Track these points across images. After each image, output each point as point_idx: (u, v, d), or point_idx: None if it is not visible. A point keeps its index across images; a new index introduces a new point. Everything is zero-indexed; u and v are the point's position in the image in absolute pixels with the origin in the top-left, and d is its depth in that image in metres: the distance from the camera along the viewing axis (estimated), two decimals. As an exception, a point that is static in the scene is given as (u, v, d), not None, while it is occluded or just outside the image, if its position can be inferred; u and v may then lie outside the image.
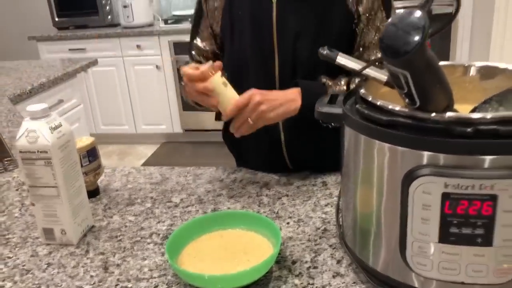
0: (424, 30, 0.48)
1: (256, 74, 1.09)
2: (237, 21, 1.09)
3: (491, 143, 0.54)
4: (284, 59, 1.05)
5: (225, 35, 1.12)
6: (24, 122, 0.84)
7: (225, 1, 1.10)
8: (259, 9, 1.05)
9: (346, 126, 0.67)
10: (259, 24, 1.05)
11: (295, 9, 1.02)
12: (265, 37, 1.05)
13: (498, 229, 0.56)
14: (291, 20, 1.02)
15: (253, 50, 1.07)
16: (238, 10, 1.08)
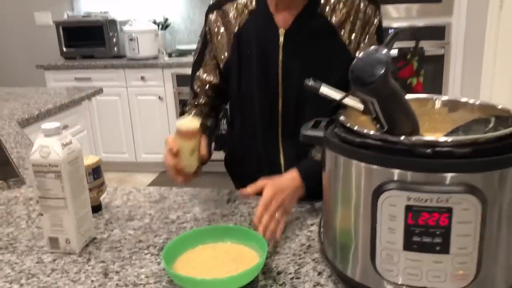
0: (386, 64, 0.58)
1: (261, 109, 1.16)
2: (245, 58, 1.15)
3: (447, 163, 0.63)
4: (288, 98, 1.12)
5: (232, 69, 1.18)
6: (38, 139, 0.93)
7: (233, 38, 1.16)
8: (267, 50, 1.12)
9: (326, 148, 0.76)
10: (266, 65, 1.12)
11: (301, 53, 1.09)
12: (271, 76, 1.12)
13: (453, 238, 0.64)
14: (296, 63, 1.09)
15: (259, 88, 1.14)
16: (246, 48, 1.15)
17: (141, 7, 4.27)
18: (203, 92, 1.24)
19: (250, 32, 1.14)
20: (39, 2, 4.47)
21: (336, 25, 1.08)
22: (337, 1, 1.07)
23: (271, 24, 1.10)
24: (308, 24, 1.08)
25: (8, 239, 1.03)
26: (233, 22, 1.15)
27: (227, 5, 1.16)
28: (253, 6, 1.13)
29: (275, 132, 1.18)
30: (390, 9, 3.31)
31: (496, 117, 0.77)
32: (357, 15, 1.07)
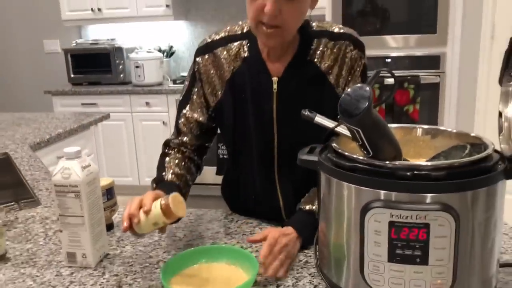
0: (369, 100, 0.68)
1: (257, 149, 1.21)
2: (239, 102, 1.18)
3: (425, 184, 0.72)
4: (283, 140, 1.18)
5: (226, 111, 1.20)
6: (60, 161, 1.02)
7: (226, 82, 1.18)
8: (261, 97, 1.16)
9: (320, 170, 0.85)
10: (261, 110, 1.16)
11: (294, 98, 1.14)
12: (266, 121, 1.17)
13: (431, 251, 0.72)
14: (290, 108, 1.14)
15: (255, 130, 1.19)
16: (240, 93, 1.18)
17: (147, 35, 4.43)
18: (188, 130, 1.25)
19: (243, 78, 1.17)
20: (48, 31, 4.64)
21: (325, 70, 1.14)
22: (325, 48, 1.14)
23: (264, 72, 1.15)
24: (300, 71, 1.14)
25: (28, 254, 1.12)
26: (226, 66, 1.18)
27: (218, 49, 1.18)
28: (246, 54, 1.17)
29: (271, 170, 1.22)
30: (389, 39, 3.44)
31: (471, 144, 0.86)
32: (343, 61, 1.14)
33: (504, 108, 0.87)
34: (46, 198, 1.49)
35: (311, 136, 0.99)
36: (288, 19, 1.03)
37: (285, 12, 1.01)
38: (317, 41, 1.15)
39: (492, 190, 0.75)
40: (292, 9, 1.02)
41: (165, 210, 0.94)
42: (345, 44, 1.14)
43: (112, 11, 4.06)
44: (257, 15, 1.03)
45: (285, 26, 1.04)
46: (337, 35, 1.15)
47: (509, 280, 0.93)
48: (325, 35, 1.15)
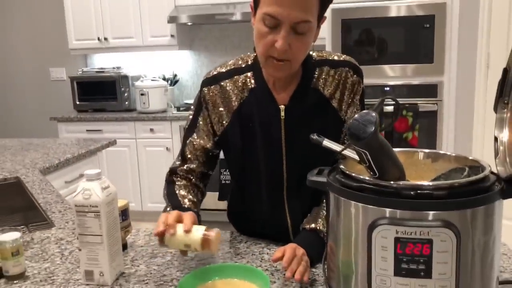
0: (375, 124, 0.74)
1: (266, 176, 1.26)
2: (247, 130, 1.23)
3: (428, 203, 0.78)
4: (292, 165, 1.23)
5: (233, 139, 1.25)
6: (81, 183, 1.08)
7: (234, 112, 1.23)
8: (269, 126, 1.21)
9: (329, 191, 0.91)
10: (269, 138, 1.22)
11: (301, 125, 1.20)
12: (275, 148, 1.22)
13: (434, 265, 0.77)
14: (297, 134, 1.21)
15: (264, 158, 1.24)
16: (248, 122, 1.23)
17: (151, 63, 4.54)
18: (194, 157, 1.29)
19: (251, 108, 1.22)
20: (54, 59, 4.76)
21: (328, 96, 1.22)
22: (328, 75, 1.21)
23: (272, 101, 1.21)
24: (305, 99, 1.21)
25: (46, 273, 1.16)
26: (233, 97, 1.23)
27: (224, 81, 1.24)
28: (253, 84, 1.22)
29: (280, 193, 1.28)
30: (387, 69, 3.55)
31: (469, 167, 0.93)
32: (345, 86, 1.22)
33: (499, 133, 0.94)
34: (59, 220, 1.54)
35: (319, 159, 1.05)
36: (297, 52, 1.09)
37: (294, 46, 1.07)
38: (319, 70, 1.22)
39: (490, 208, 0.80)
40: (301, 44, 1.08)
41: (205, 241, 0.99)
42: (345, 71, 1.22)
43: (118, 40, 4.18)
44: (267, 50, 1.09)
45: (294, 59, 1.11)
46: (338, 63, 1.23)
47: (509, 297, 0.97)
48: (326, 64, 1.23)
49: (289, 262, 1.01)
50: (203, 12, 3.90)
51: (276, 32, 1.06)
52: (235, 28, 4.33)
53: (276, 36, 1.06)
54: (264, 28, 1.07)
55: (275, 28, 1.06)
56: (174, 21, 3.94)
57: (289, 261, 1.02)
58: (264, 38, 1.08)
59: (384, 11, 3.47)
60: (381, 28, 3.51)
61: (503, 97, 0.95)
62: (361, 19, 3.51)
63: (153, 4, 4.05)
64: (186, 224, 1.02)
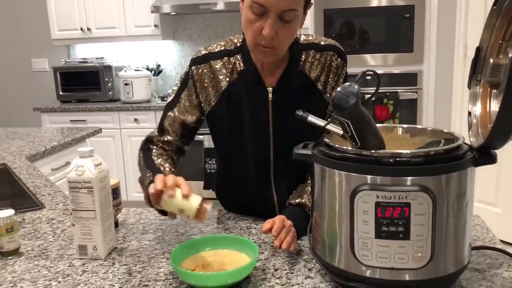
0: (357, 95, 0.79)
1: (254, 156, 1.31)
2: (235, 112, 1.27)
3: (405, 169, 0.83)
4: (278, 145, 1.28)
5: (221, 119, 1.29)
6: (74, 160, 1.11)
7: (222, 93, 1.27)
8: (257, 107, 1.25)
9: (314, 163, 0.96)
10: (257, 119, 1.26)
11: (288, 107, 1.23)
12: (263, 129, 1.27)
13: (412, 227, 0.83)
14: (284, 115, 1.25)
15: (251, 138, 1.29)
16: (236, 103, 1.27)
17: (135, 54, 4.53)
18: (172, 130, 1.32)
19: (240, 89, 1.26)
20: (37, 50, 4.71)
21: (314, 78, 1.27)
22: (313, 59, 1.26)
23: (260, 83, 1.25)
24: (292, 81, 1.26)
25: (39, 249, 1.19)
26: (222, 78, 1.27)
27: (213, 61, 1.27)
28: (241, 67, 1.26)
29: (267, 173, 1.33)
30: (368, 58, 3.62)
31: (445, 139, 0.99)
32: (329, 69, 1.27)
33: (473, 108, 1.01)
34: (49, 202, 1.56)
35: (305, 137, 1.10)
36: (283, 40, 1.14)
37: (280, 34, 1.11)
38: (306, 53, 1.27)
39: (463, 174, 0.87)
40: (287, 31, 1.12)
41: (200, 210, 1.02)
42: (330, 54, 1.27)
43: (101, 31, 4.17)
44: (255, 37, 1.13)
45: (280, 46, 1.15)
46: (323, 47, 1.28)
47: (481, 261, 1.04)
48: (312, 47, 1.27)
49: (278, 232, 1.06)
50: (186, 2, 3.91)
51: (264, 20, 1.09)
52: (219, 18, 4.36)
53: (263, 24, 1.09)
54: (251, 15, 1.10)
55: (263, 15, 1.09)
56: (158, 11, 3.95)
57: (279, 231, 1.07)
58: (252, 25, 1.12)
59: (366, 1, 3.53)
60: (362, 18, 3.57)
61: (476, 74, 1.01)
62: (343, 9, 3.57)
63: (136, -6, 4.05)
64: (184, 189, 1.04)
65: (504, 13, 0.94)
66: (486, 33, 0.99)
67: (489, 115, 0.97)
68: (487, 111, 0.98)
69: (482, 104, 0.99)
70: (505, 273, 0.99)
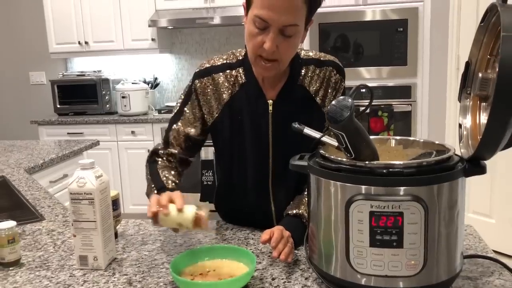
0: (351, 109, 0.83)
1: (253, 167, 1.34)
2: (236, 123, 1.30)
3: (398, 179, 0.86)
4: (277, 156, 1.31)
5: (222, 131, 1.33)
6: (76, 171, 1.14)
7: (224, 105, 1.30)
8: (258, 119, 1.29)
9: (310, 173, 0.99)
10: (258, 130, 1.29)
11: (287, 119, 1.23)
12: (263, 140, 1.30)
13: (405, 236, 0.86)
14: (284, 128, 1.26)
15: (252, 150, 1.32)
16: (237, 115, 1.30)
17: (132, 67, 4.57)
18: (177, 143, 1.36)
19: (241, 102, 1.30)
20: (34, 63, 4.75)
21: (313, 92, 1.31)
22: (313, 73, 1.30)
23: (261, 96, 1.28)
24: (292, 94, 1.30)
25: (40, 260, 1.21)
26: (224, 90, 1.30)
27: (216, 74, 1.31)
28: (243, 80, 1.30)
29: (266, 183, 1.36)
30: (363, 71, 3.67)
31: (436, 151, 1.02)
32: (328, 84, 1.31)
33: (463, 120, 1.04)
34: (49, 214, 1.58)
35: (303, 149, 1.13)
36: (284, 53, 1.17)
37: (281, 48, 1.14)
38: (306, 68, 1.31)
39: (454, 184, 0.90)
40: (288, 45, 1.15)
41: (197, 220, 1.05)
42: (329, 70, 1.31)
43: (99, 44, 4.21)
44: (256, 50, 1.16)
45: (282, 59, 1.18)
46: (323, 62, 1.32)
47: (473, 269, 1.07)
48: (312, 63, 1.32)
49: (277, 243, 1.08)
50: (183, 16, 3.96)
51: (265, 34, 1.13)
52: (215, 32, 4.41)
53: (265, 37, 1.12)
54: (254, 29, 1.14)
55: (265, 29, 1.12)
56: (155, 25, 4.00)
57: (277, 242, 1.09)
58: (254, 38, 1.15)
59: (360, 16, 3.59)
60: (357, 32, 3.63)
61: (465, 87, 1.05)
62: (338, 23, 3.63)
63: (134, 8, 4.10)
64: (178, 203, 1.08)
65: (491, 30, 0.98)
66: (474, 48, 1.03)
67: (479, 127, 1.01)
68: (477, 123, 1.02)
69: (472, 116, 1.03)
70: (496, 281, 1.01)
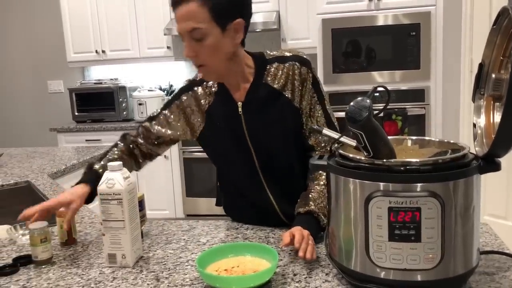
0: (369, 109, 0.87)
1: (241, 166, 1.41)
2: (217, 129, 1.39)
3: (415, 176, 0.90)
4: (260, 151, 1.37)
5: (209, 139, 1.42)
6: (105, 173, 1.19)
7: (205, 114, 1.39)
8: (232, 121, 1.36)
9: (330, 172, 1.03)
10: (234, 131, 1.36)
11: (258, 116, 1.34)
12: (241, 140, 1.37)
13: (423, 230, 0.90)
14: (257, 124, 1.35)
15: (234, 150, 1.39)
16: (216, 121, 1.39)
17: (148, 75, 4.66)
18: (145, 136, 1.47)
19: (217, 109, 1.39)
20: (52, 72, 4.86)
21: (279, 88, 1.35)
22: (277, 70, 1.35)
23: (231, 100, 1.36)
24: (258, 93, 1.35)
25: (71, 259, 1.26)
26: (203, 101, 1.40)
27: (197, 87, 1.41)
28: (216, 88, 1.39)
29: (259, 181, 1.41)
30: (376, 75, 3.70)
31: (452, 150, 1.06)
32: (294, 78, 1.35)
33: (477, 119, 1.08)
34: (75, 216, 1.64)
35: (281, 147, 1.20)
36: (207, 57, 1.24)
37: (199, 52, 1.23)
38: (269, 66, 1.37)
39: (469, 181, 0.93)
40: (203, 48, 1.22)
41: None
42: (293, 64, 1.36)
43: (116, 53, 4.31)
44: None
45: (208, 63, 1.26)
46: (286, 58, 1.37)
47: (490, 264, 1.10)
48: (276, 60, 1.37)
49: (300, 243, 1.12)
50: (198, 24, 4.03)
51: None
52: (229, 39, 4.47)
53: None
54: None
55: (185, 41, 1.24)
56: (170, 33, 4.08)
57: (300, 242, 1.13)
58: None
59: (372, 20, 3.63)
60: (369, 36, 3.67)
61: (479, 88, 1.09)
62: (350, 28, 3.67)
63: (150, 17, 4.18)
64: None
65: (503, 32, 1.01)
66: (487, 50, 1.07)
67: (493, 126, 1.04)
68: (491, 123, 1.05)
69: (486, 116, 1.06)
70: (513, 276, 1.04)
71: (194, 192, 4.05)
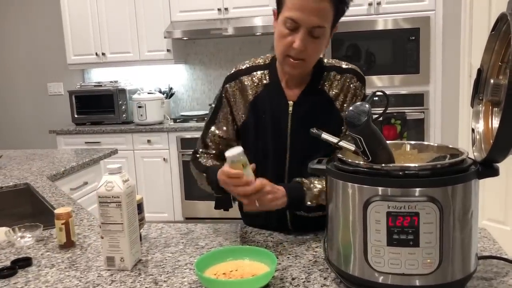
0: (368, 114, 0.87)
1: (272, 162, 1.41)
2: (261, 121, 1.39)
3: (414, 181, 0.90)
4: (294, 153, 1.38)
5: (250, 130, 1.41)
6: (104, 176, 1.19)
7: (249, 105, 1.40)
8: (278, 118, 1.37)
9: (328, 176, 1.03)
10: (278, 129, 1.37)
11: (305, 120, 1.34)
12: (282, 138, 1.38)
13: (421, 235, 0.90)
14: (301, 127, 1.34)
15: (272, 146, 1.39)
16: (261, 114, 1.39)
17: (148, 77, 4.67)
18: (214, 145, 1.47)
19: (264, 101, 1.39)
20: (52, 74, 4.87)
21: (333, 97, 1.37)
22: (334, 79, 1.37)
23: (282, 97, 1.37)
24: (312, 97, 1.37)
25: (69, 262, 1.26)
26: (249, 91, 1.40)
27: (243, 77, 1.42)
28: (267, 80, 1.40)
29: (282, 180, 1.40)
30: (376, 79, 3.71)
31: (450, 155, 1.06)
32: (348, 90, 1.37)
33: (476, 125, 1.08)
34: (74, 219, 1.63)
35: (319, 153, 1.18)
36: (311, 53, 1.27)
37: (309, 48, 1.24)
38: (327, 73, 1.38)
39: (467, 186, 0.93)
40: (315, 46, 1.25)
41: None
42: (350, 77, 1.38)
43: (116, 55, 4.31)
44: (285, 49, 1.26)
45: (308, 59, 1.28)
46: (344, 70, 1.39)
47: (488, 270, 1.10)
48: (334, 69, 1.39)
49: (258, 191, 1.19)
50: (198, 28, 4.05)
51: (295, 34, 1.23)
52: (229, 43, 4.49)
53: (295, 38, 1.23)
54: (284, 30, 1.24)
55: (294, 30, 1.23)
56: (170, 36, 4.08)
57: (258, 190, 1.19)
58: (284, 38, 1.25)
59: (372, 25, 3.64)
60: (369, 40, 3.68)
61: (478, 93, 1.09)
62: (350, 32, 3.68)
63: (150, 20, 4.19)
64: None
65: (502, 38, 1.02)
66: (486, 55, 1.07)
67: (491, 131, 1.04)
68: (489, 128, 1.06)
69: (485, 121, 1.07)
70: (511, 281, 1.04)
71: (193, 195, 4.05)
